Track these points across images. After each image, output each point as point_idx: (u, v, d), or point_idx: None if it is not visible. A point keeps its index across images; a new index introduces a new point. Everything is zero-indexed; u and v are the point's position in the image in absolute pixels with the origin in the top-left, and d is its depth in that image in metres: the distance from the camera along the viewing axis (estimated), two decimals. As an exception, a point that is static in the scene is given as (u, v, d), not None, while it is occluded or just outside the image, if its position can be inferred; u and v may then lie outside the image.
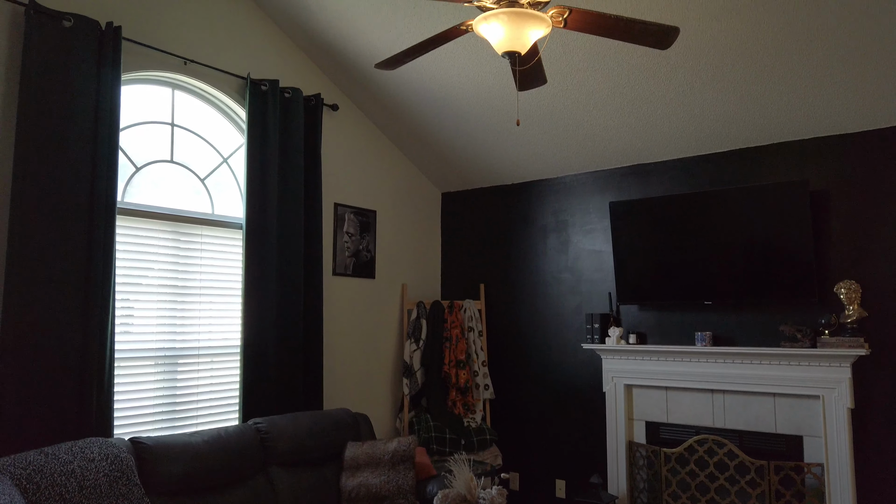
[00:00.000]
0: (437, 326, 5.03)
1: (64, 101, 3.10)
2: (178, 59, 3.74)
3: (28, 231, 2.96)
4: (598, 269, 4.80)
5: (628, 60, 3.73)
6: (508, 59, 2.44)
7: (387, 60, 2.74)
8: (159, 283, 3.66)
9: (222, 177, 4.08)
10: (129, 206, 3.54)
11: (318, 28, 4.16)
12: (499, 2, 2.32)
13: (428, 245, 5.56)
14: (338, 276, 4.68)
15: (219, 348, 3.93)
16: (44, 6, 3.08)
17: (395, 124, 4.96)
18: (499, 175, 5.26)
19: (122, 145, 3.53)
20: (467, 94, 4.34)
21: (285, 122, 4.17)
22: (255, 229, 3.94)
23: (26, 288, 2.94)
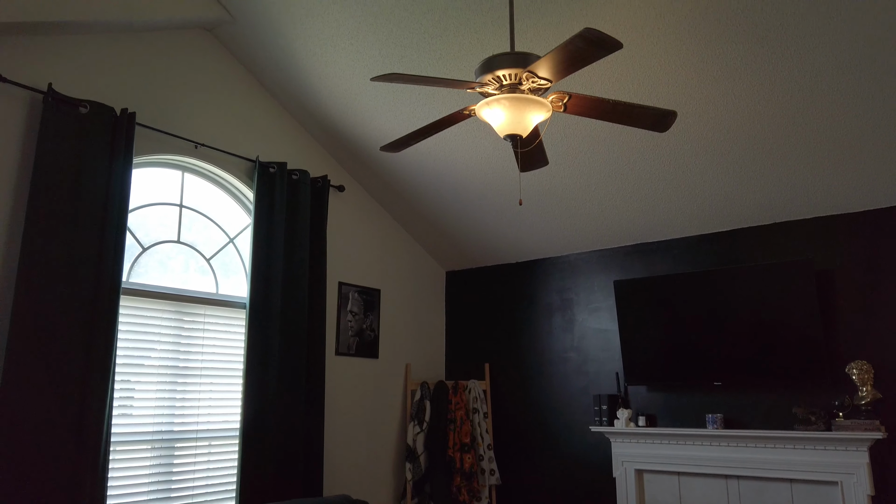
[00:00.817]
0: (441, 408, 4.92)
1: (75, 184, 3.17)
2: (190, 143, 3.84)
3: (31, 310, 2.95)
4: (605, 349, 4.74)
5: (628, 142, 3.82)
6: (510, 141, 2.50)
7: (392, 143, 2.81)
8: (161, 363, 3.61)
9: (228, 257, 4.11)
10: (135, 286, 3.55)
11: (326, 113, 4.29)
12: (500, 87, 2.40)
13: (432, 324, 5.52)
14: (340, 355, 4.62)
15: (217, 431, 3.84)
16: (61, 93, 3.20)
17: (399, 204, 5.03)
18: (503, 254, 5.29)
19: (131, 226, 3.57)
20: (470, 174, 4.43)
21: (292, 202, 4.24)
22: (259, 309, 3.93)
23: (26, 367, 2.90)
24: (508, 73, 2.33)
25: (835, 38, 2.94)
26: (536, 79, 2.31)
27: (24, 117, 3.15)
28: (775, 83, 3.23)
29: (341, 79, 3.93)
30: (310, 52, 3.81)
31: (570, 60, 2.12)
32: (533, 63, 2.22)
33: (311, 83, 4.07)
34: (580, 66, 2.15)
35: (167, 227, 3.80)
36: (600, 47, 2.00)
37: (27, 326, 2.93)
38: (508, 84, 2.37)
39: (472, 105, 2.53)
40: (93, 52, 3.44)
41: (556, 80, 2.30)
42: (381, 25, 3.47)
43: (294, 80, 4.11)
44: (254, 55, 4.05)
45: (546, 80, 2.30)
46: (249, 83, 4.23)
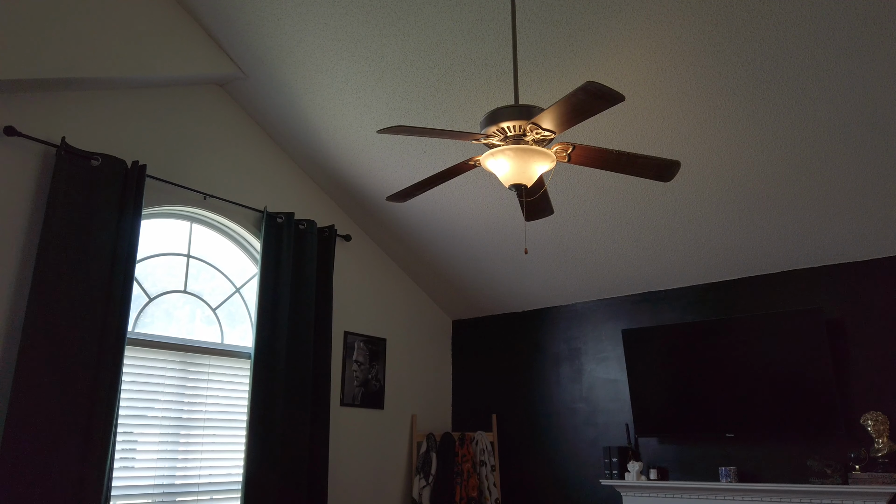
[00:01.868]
0: (447, 460, 4.82)
1: (85, 235, 3.20)
2: (199, 194, 3.89)
3: (36, 360, 2.94)
4: (614, 399, 4.67)
5: (633, 191, 3.84)
6: (515, 191, 2.52)
7: (398, 193, 2.83)
8: (164, 414, 3.58)
9: (234, 306, 4.11)
10: (140, 336, 3.54)
11: (333, 164, 4.35)
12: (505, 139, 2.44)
13: (438, 374, 5.46)
14: (345, 406, 4.57)
15: (219, 485, 3.77)
16: (74, 147, 3.27)
17: (405, 253, 5.05)
18: (509, 302, 5.27)
19: (138, 275, 3.59)
20: (476, 223, 4.45)
21: (299, 252, 4.26)
22: (264, 358, 3.90)
23: (28, 420, 2.87)
24: (513, 125, 2.37)
25: (835, 91, 2.99)
26: (540, 130, 2.34)
27: (38, 169, 3.21)
28: (778, 134, 3.26)
29: (349, 131, 4.00)
30: (318, 106, 3.89)
31: (573, 112, 2.16)
32: (537, 115, 2.26)
33: (320, 135, 4.14)
34: (583, 118, 2.18)
35: (174, 276, 3.81)
36: (603, 100, 2.04)
37: (32, 375, 2.92)
38: (513, 135, 2.41)
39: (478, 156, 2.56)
40: (106, 107, 3.52)
41: (560, 131, 2.33)
42: (388, 80, 3.55)
43: (303, 133, 4.19)
44: (264, 109, 4.14)
45: (550, 131, 2.34)
46: (259, 136, 4.31)
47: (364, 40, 3.36)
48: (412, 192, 2.81)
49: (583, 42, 3.08)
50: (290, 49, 3.56)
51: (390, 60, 3.43)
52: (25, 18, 3.01)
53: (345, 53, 3.47)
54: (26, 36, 3.01)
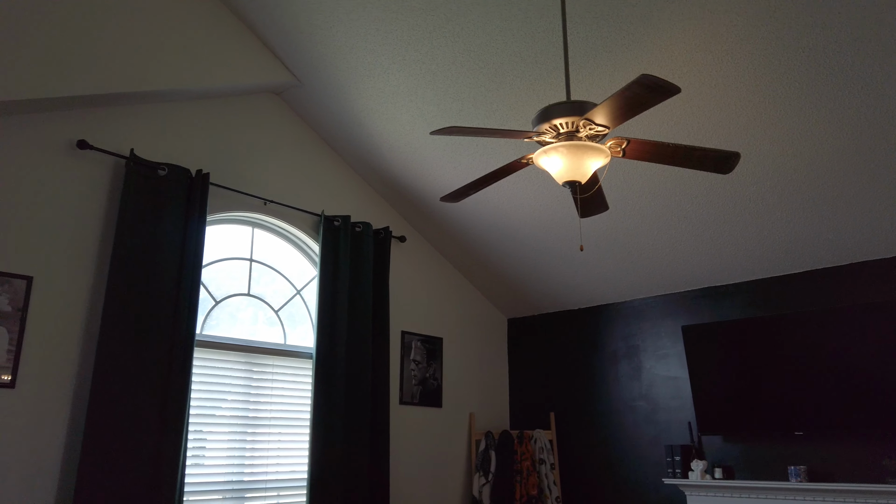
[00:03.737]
0: (506, 458, 4.82)
1: (154, 242, 3.35)
2: (259, 200, 4.01)
3: (112, 365, 3.10)
4: (676, 397, 4.58)
5: (690, 185, 3.76)
6: (569, 188, 2.51)
7: (452, 194, 2.86)
8: (231, 413, 3.71)
9: (295, 308, 4.22)
10: (207, 338, 3.68)
11: (387, 167, 4.42)
12: (558, 136, 2.43)
13: (495, 372, 5.47)
14: (405, 404, 4.63)
15: (286, 481, 3.88)
16: (142, 158, 3.43)
17: (460, 253, 5.07)
18: (565, 300, 5.23)
19: (204, 280, 3.73)
20: (530, 221, 4.44)
21: (356, 254, 4.34)
22: (325, 358, 3.99)
23: (107, 422, 3.03)
24: (565, 122, 2.36)
25: (904, 72, 2.86)
26: (594, 126, 2.32)
27: (109, 180, 3.38)
28: (843, 119, 3.14)
29: (401, 134, 4.06)
30: (371, 111, 3.96)
31: (628, 107, 2.13)
32: (590, 111, 2.25)
33: (373, 139, 4.21)
34: (638, 112, 2.16)
35: (237, 280, 3.95)
36: (658, 92, 2.01)
37: (108, 377, 3.07)
38: (566, 132, 2.40)
39: (530, 154, 2.56)
40: (170, 118, 3.68)
41: (614, 126, 2.31)
42: (439, 82, 3.58)
43: (357, 137, 4.27)
44: (319, 115, 4.24)
45: (603, 126, 2.32)
46: (315, 141, 4.42)
47: (414, 43, 3.41)
48: (466, 192, 2.83)
49: (635, 34, 3.03)
50: (342, 55, 3.64)
51: (441, 62, 3.46)
52: (93, 36, 3.17)
53: (396, 57, 3.52)
54: (95, 53, 3.17)
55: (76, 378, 3.10)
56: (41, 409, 2.98)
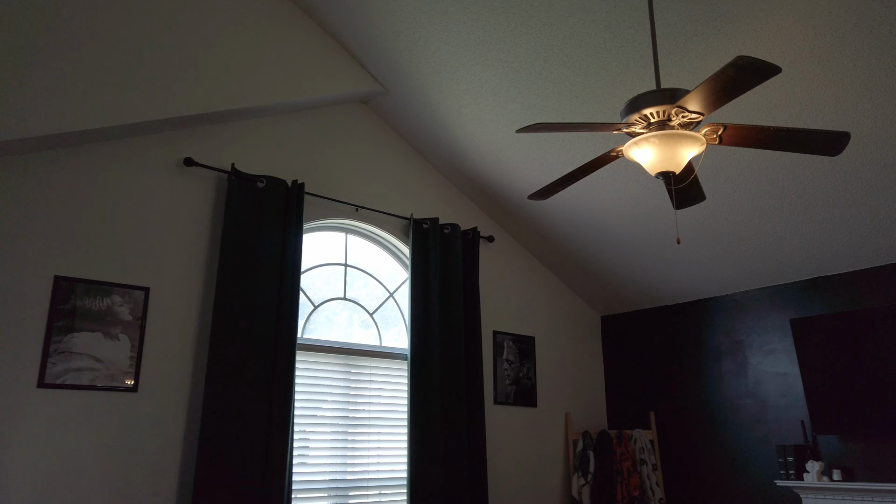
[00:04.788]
0: (605, 458, 4.73)
1: (256, 251, 3.52)
2: (351, 207, 4.13)
3: (223, 369, 3.28)
4: (786, 394, 4.33)
5: (794, 169, 3.55)
6: (663, 179, 2.43)
7: (539, 191, 2.83)
8: (332, 414, 3.83)
9: (388, 310, 4.32)
10: (308, 341, 3.83)
11: (473, 167, 4.44)
12: (648, 126, 2.36)
13: (590, 371, 5.37)
14: (499, 404, 4.62)
15: (387, 480, 3.97)
16: (242, 171, 3.61)
17: (549, 251, 5.02)
18: (661, 295, 5.07)
19: (302, 286, 3.88)
20: (622, 215, 4.33)
21: (445, 255, 4.38)
22: (419, 359, 4.06)
23: (220, 423, 3.21)
24: (656, 111, 2.29)
25: None
26: (687, 113, 2.24)
27: (213, 194, 3.58)
28: (968, 89, 2.87)
29: (486, 134, 4.06)
30: (455, 112, 3.99)
31: (723, 91, 2.04)
32: (682, 98, 2.17)
33: (459, 141, 4.24)
34: (734, 96, 2.06)
35: (332, 285, 4.08)
36: (756, 74, 1.91)
37: (220, 380, 3.25)
38: (657, 121, 2.33)
39: (620, 146, 2.50)
40: (267, 132, 3.85)
41: (709, 112, 2.22)
42: (522, 79, 3.56)
43: (443, 140, 4.31)
44: (404, 121, 4.32)
45: (697, 113, 2.23)
46: (401, 146, 4.50)
47: (496, 42, 3.40)
48: (553, 188, 2.80)
49: (727, 14, 2.90)
50: (425, 60, 3.69)
51: (523, 59, 3.44)
52: (195, 60, 3.37)
53: (478, 58, 3.53)
54: (197, 75, 3.37)
55: (191, 381, 3.31)
56: (161, 412, 3.19)
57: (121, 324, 3.14)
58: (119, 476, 3.02)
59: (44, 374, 2.91)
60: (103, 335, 3.08)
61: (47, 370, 2.92)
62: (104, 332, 3.09)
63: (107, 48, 3.09)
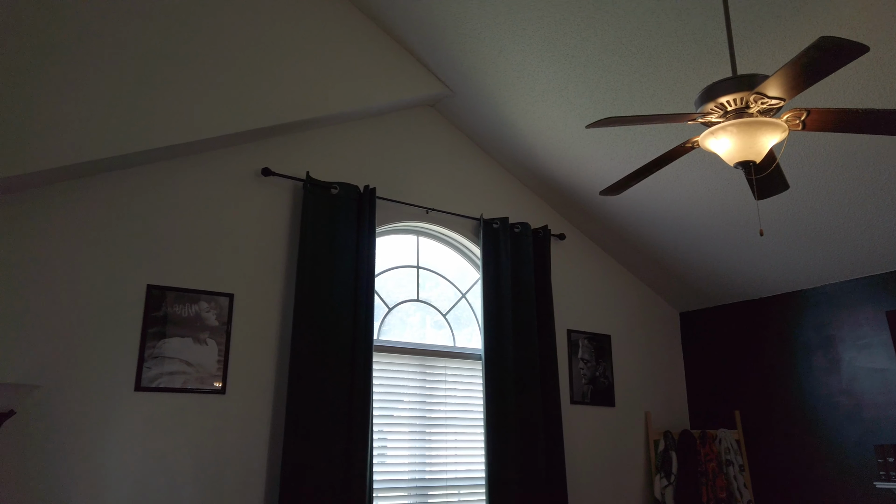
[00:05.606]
0: (689, 459, 4.59)
1: (331, 256, 3.62)
2: (422, 209, 4.18)
3: (304, 371, 3.38)
4: (884, 391, 4.08)
5: (885, 152, 3.35)
6: (742, 169, 2.34)
7: (611, 186, 2.79)
8: (409, 414, 3.89)
9: (460, 311, 4.34)
10: (383, 343, 3.90)
11: (542, 165, 4.40)
12: (725, 114, 2.28)
13: (670, 369, 5.22)
14: (576, 404, 4.57)
15: (465, 480, 3.99)
16: (316, 179, 3.71)
17: (623, 247, 4.92)
18: (744, 290, 4.87)
19: (376, 288, 3.96)
20: (699, 208, 4.19)
21: (516, 255, 4.37)
22: (493, 359, 4.06)
23: (302, 425, 3.31)
24: (733, 99, 2.21)
25: None
26: (766, 99, 2.15)
27: (290, 202, 3.71)
28: None
29: (554, 130, 4.02)
30: (523, 111, 3.97)
31: (806, 74, 1.95)
32: (760, 84, 2.09)
33: (527, 139, 4.22)
34: (818, 79, 1.97)
35: (404, 287, 4.14)
36: (841, 55, 1.82)
37: (302, 382, 3.36)
38: (734, 109, 2.24)
39: (695, 137, 2.43)
40: (338, 140, 3.95)
41: (790, 97, 2.12)
42: (590, 73, 3.51)
43: (510, 139, 4.30)
44: (472, 122, 4.33)
45: (778, 99, 2.14)
46: (469, 147, 4.52)
47: (562, 38, 3.37)
48: (626, 183, 2.74)
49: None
50: (491, 60, 3.69)
51: (591, 53, 3.39)
52: (269, 73, 3.49)
53: (544, 55, 3.50)
54: (271, 88, 3.49)
55: (275, 383, 3.43)
56: (248, 413, 3.32)
57: (208, 329, 3.29)
58: (210, 474, 3.16)
59: (140, 377, 3.09)
60: (193, 340, 3.24)
61: (143, 374, 3.10)
62: (193, 337, 3.25)
63: (188, 67, 3.25)
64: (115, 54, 3.07)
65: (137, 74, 3.11)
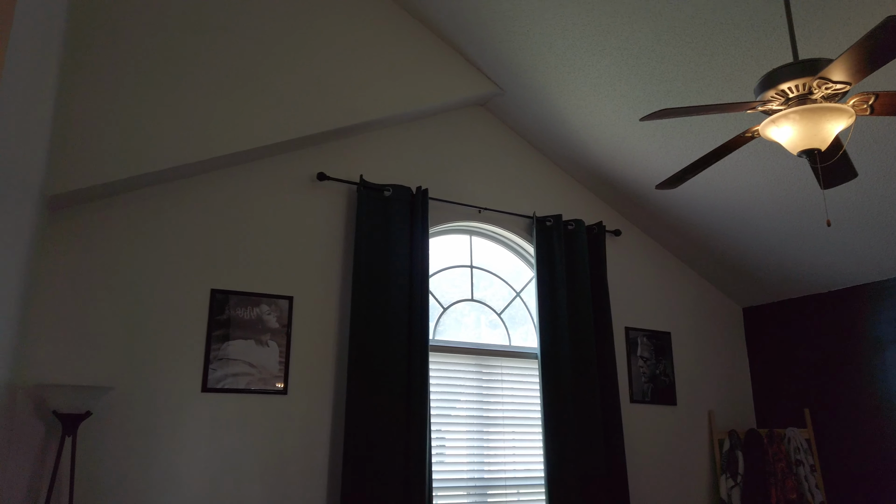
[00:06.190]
0: (755, 459, 4.44)
1: (386, 257, 3.66)
2: (474, 209, 4.19)
3: (363, 373, 3.43)
4: (967, 388, 3.85)
5: (964, 135, 3.16)
6: (806, 157, 2.25)
7: (668, 180, 2.73)
8: (466, 413, 3.90)
9: (515, 310, 4.32)
10: (438, 343, 3.92)
11: (595, 161, 4.35)
12: (787, 101, 2.20)
13: (733, 366, 5.07)
14: (636, 403, 4.48)
15: (523, 479, 3.97)
16: (370, 182, 3.76)
17: (682, 241, 4.80)
18: (810, 283, 4.68)
19: (431, 288, 3.98)
20: (761, 199, 4.06)
21: (570, 252, 4.32)
22: (550, 358, 4.03)
23: (362, 425, 3.36)
24: (795, 85, 2.13)
25: None
26: (831, 84, 2.07)
27: (345, 205, 3.77)
28: None
29: (607, 125, 3.96)
30: (574, 106, 3.93)
31: (873, 57, 1.87)
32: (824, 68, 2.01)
33: (579, 135, 4.17)
34: (885, 62, 1.88)
35: (458, 287, 4.15)
36: (911, 34, 1.73)
37: (360, 382, 3.41)
38: (796, 96, 2.17)
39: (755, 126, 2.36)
40: (390, 143, 4.00)
41: (856, 81, 2.04)
42: (643, 65, 3.44)
43: (562, 135, 4.26)
44: (522, 119, 4.31)
45: (843, 83, 2.05)
46: (520, 145, 4.50)
47: (613, 30, 3.32)
48: (684, 176, 2.68)
49: (873, -27, 2.64)
50: (541, 56, 3.66)
51: (643, 44, 3.33)
52: (322, 80, 3.56)
53: (595, 48, 3.46)
54: (324, 94, 3.56)
55: (334, 383, 3.50)
56: (309, 413, 3.40)
57: (269, 331, 3.38)
58: (274, 473, 3.25)
59: (206, 379, 3.20)
60: (255, 342, 3.34)
61: (209, 375, 3.21)
62: (256, 340, 3.34)
63: (245, 78, 3.35)
64: (178, 70, 3.19)
65: (199, 88, 3.23)
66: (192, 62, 3.24)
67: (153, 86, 3.12)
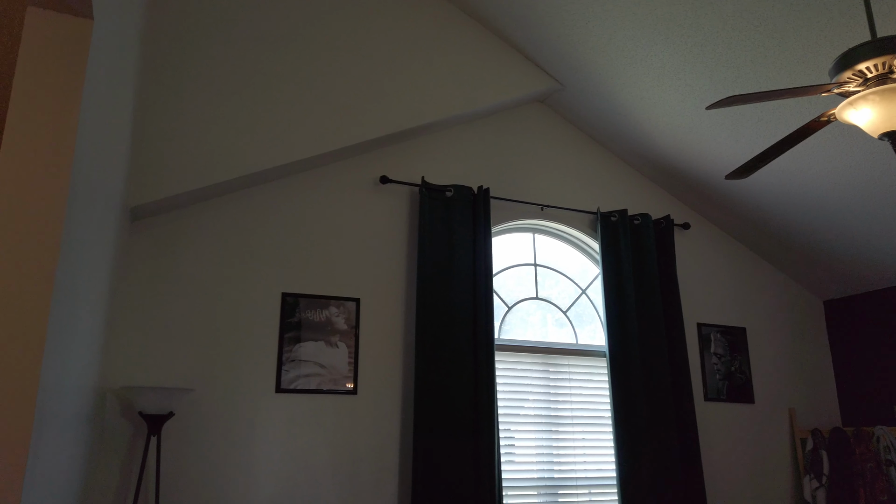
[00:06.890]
0: (841, 459, 4.23)
1: (450, 258, 3.68)
2: (536, 206, 4.16)
3: (430, 372, 3.47)
4: None
5: None
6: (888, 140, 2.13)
7: (738, 170, 2.64)
8: (534, 412, 3.87)
9: (581, 308, 4.27)
10: (504, 342, 3.91)
11: (660, 153, 4.24)
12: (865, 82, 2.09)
13: (814, 362, 4.84)
14: (710, 401, 4.34)
15: (595, 479, 3.91)
16: (431, 183, 3.79)
17: (755, 233, 4.62)
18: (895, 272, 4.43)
19: (495, 287, 3.98)
20: (839, 186, 3.86)
21: (637, 247, 4.23)
22: (618, 357, 3.95)
23: (430, 424, 3.39)
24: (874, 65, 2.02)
25: None
26: (914, 61, 1.95)
27: (408, 207, 3.81)
28: None
29: (672, 116, 3.86)
30: (637, 97, 3.84)
31: (961, 29, 1.75)
32: (906, 45, 1.90)
33: (643, 127, 4.08)
34: (976, 32, 1.76)
35: (523, 285, 4.12)
36: None
37: (428, 382, 3.44)
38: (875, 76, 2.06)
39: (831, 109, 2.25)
40: (451, 143, 4.02)
41: (943, 56, 1.91)
42: (709, 52, 3.34)
43: (625, 128, 4.18)
44: (584, 114, 4.25)
45: (928, 59, 1.94)
46: (582, 140, 4.44)
47: (675, 18, 3.23)
48: (755, 164, 2.59)
49: (958, -60, 2.47)
50: (601, 49, 3.61)
51: (708, 30, 3.23)
52: (381, 84, 3.62)
53: (657, 38, 3.38)
54: (385, 99, 3.61)
55: (402, 383, 3.54)
56: (379, 412, 3.46)
57: (338, 333, 3.46)
58: (347, 471, 3.32)
59: (279, 380, 3.30)
60: (325, 343, 3.42)
61: (282, 376, 3.31)
62: (325, 341, 3.43)
63: (308, 86, 3.44)
64: (247, 82, 3.31)
65: (267, 98, 3.34)
66: (260, 73, 3.35)
67: (223, 99, 3.25)
